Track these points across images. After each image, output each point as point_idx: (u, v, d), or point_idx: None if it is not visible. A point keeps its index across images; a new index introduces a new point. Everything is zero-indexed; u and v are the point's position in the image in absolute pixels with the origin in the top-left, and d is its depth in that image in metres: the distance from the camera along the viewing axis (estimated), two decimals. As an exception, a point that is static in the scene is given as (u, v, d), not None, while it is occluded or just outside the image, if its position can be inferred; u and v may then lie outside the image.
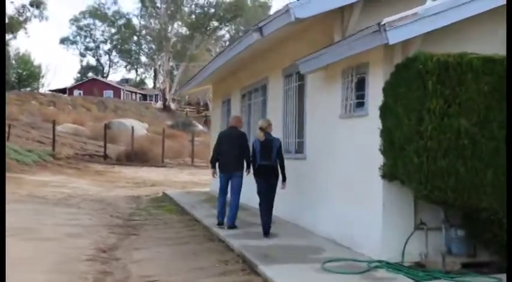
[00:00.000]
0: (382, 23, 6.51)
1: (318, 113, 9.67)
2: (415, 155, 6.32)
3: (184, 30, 72.46)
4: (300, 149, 10.73)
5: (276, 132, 11.40)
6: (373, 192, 7.60)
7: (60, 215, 12.55)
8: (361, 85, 8.10)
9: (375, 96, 7.61)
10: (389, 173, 7.08)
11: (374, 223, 7.55)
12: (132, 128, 33.13)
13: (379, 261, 7.26)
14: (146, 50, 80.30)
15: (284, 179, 9.76)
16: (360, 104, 8.11)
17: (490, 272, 6.94)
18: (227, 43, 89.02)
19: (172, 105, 70.65)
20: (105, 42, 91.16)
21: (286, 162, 10.90)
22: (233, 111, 15.81)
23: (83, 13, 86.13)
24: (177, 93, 63.37)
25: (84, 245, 9.31)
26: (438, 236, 7.20)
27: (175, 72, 72.99)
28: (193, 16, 71.03)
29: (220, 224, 10.45)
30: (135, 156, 30.06)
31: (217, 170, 10.77)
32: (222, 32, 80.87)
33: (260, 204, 9.70)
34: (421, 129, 6.31)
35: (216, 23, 71.11)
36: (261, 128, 9.79)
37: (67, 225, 11.16)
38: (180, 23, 71.20)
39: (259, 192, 9.69)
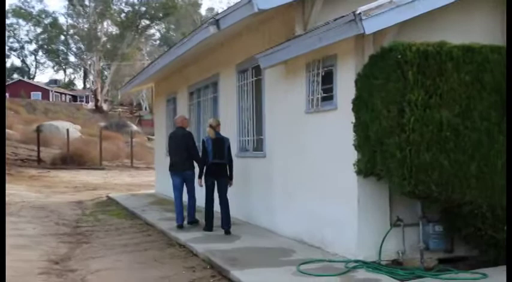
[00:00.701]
0: (358, 12, 6.20)
1: (279, 109, 9.32)
2: (397, 149, 6.04)
3: (114, 29, 70.98)
4: (258, 146, 10.35)
5: (230, 130, 11.04)
6: (345, 189, 7.30)
7: (2, 224, 11.73)
8: (328, 78, 7.79)
9: (344, 89, 7.32)
10: (364, 169, 6.79)
11: (348, 221, 7.26)
12: (67, 130, 31.94)
13: (356, 261, 6.98)
14: (75, 50, 78.22)
15: (231, 178, 9.91)
16: (328, 98, 7.79)
17: (467, 267, 6.79)
18: (157, 42, 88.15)
19: (105, 106, 69.05)
20: (30, 42, 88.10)
21: (243, 161, 10.63)
22: (180, 110, 15.30)
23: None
24: (117, 92, 61.86)
25: (33, 257, 8.68)
26: (414, 232, 6.99)
27: (106, 73, 71.42)
28: (123, 15, 69.56)
29: (180, 227, 10.27)
30: (71, 160, 29.01)
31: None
32: (152, 30, 79.85)
33: (206, 200, 9.77)
34: (403, 122, 6.03)
35: (147, 22, 69.72)
36: (211, 126, 9.84)
37: (10, 236, 10.33)
38: (109, 21, 69.62)
39: (206, 188, 9.74)
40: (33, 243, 9.87)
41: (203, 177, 9.81)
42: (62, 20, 79.55)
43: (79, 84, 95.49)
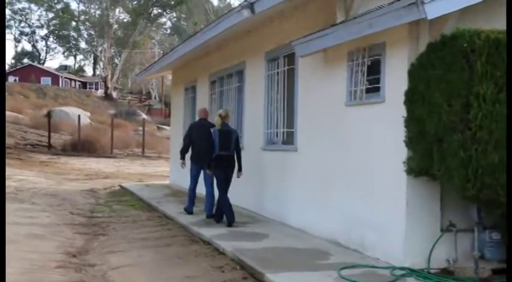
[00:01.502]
0: (420, -6, 5.59)
1: (314, 101, 8.73)
2: (460, 148, 5.45)
3: (126, 16, 70.35)
4: (288, 139, 9.77)
5: (257, 122, 10.54)
6: (392, 189, 6.72)
7: (14, 211, 11.20)
8: (374, 68, 7.19)
9: (394, 80, 6.73)
10: (417, 168, 6.19)
11: (393, 224, 6.67)
12: (79, 116, 31.40)
13: (402, 268, 6.40)
14: (86, 36, 77.65)
15: (240, 169, 9.85)
16: (373, 90, 7.20)
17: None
18: (168, 31, 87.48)
19: (114, 94, 68.56)
20: (41, 27, 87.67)
21: (269, 154, 10.10)
22: (200, 99, 14.74)
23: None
24: (127, 80, 61.42)
25: (49, 249, 8.15)
26: (467, 239, 6.42)
27: (116, 60, 70.86)
28: (135, 2, 68.88)
29: (190, 213, 10.66)
30: (82, 147, 28.51)
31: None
32: (163, 19, 79.19)
33: (220, 193, 9.63)
34: (467, 117, 5.43)
35: (159, 10, 68.99)
36: (220, 115, 9.77)
37: (25, 225, 9.90)
38: (121, 8, 68.98)
39: (218, 182, 9.69)
40: (48, 233, 9.35)
41: (214, 170, 9.72)
42: (73, 5, 78.58)
43: (89, 70, 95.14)
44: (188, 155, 10.93)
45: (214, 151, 9.54)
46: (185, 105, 16.15)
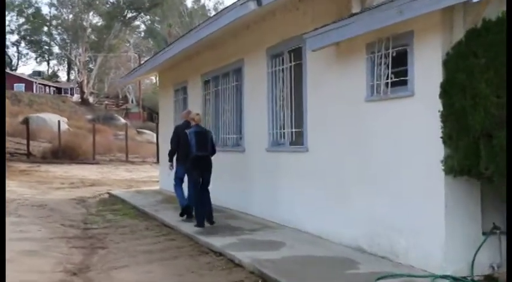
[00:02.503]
0: (463, -25, 5.06)
1: (327, 97, 8.17)
2: (513, 143, 4.91)
3: (99, 19, 69.19)
4: (297, 140, 9.19)
5: (259, 122, 9.97)
6: (426, 190, 6.19)
7: (2, 226, 10.47)
8: (398, 60, 6.65)
9: (425, 71, 6.20)
10: (458, 167, 5.65)
11: (430, 228, 6.13)
12: (59, 122, 30.50)
13: (444, 277, 5.87)
14: (59, 41, 76.32)
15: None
16: (399, 83, 6.65)
17: None
18: (142, 34, 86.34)
19: (91, 99, 67.40)
20: (12, 32, 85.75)
21: (275, 156, 9.64)
22: (192, 100, 14.11)
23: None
24: (103, 85, 60.42)
25: (47, 267, 7.47)
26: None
27: (90, 65, 69.69)
28: (109, 5, 67.84)
29: (187, 207, 10.47)
30: (63, 153, 27.61)
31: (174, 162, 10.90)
32: (137, 22, 78.16)
33: (195, 194, 9.70)
34: (523, 110, 4.90)
35: (134, 13, 68.01)
36: (194, 120, 10.03)
37: (16, 240, 9.17)
38: (95, 12, 67.79)
39: (194, 183, 9.75)
40: (42, 248, 8.65)
41: (190, 171, 9.86)
42: (45, 10, 77.03)
43: (63, 76, 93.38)
44: (174, 157, 10.95)
45: (190, 153, 9.61)
46: (175, 107, 15.49)
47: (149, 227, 10.40)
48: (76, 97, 69.35)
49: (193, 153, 9.60)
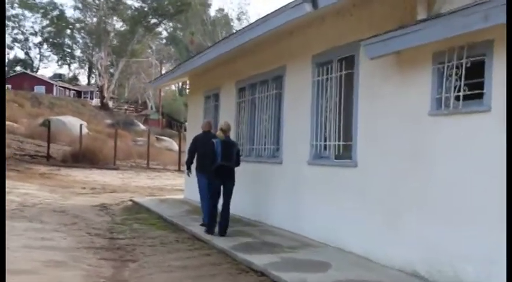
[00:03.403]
0: None
1: (382, 110, 7.59)
2: None
3: (123, 24, 69.06)
4: (344, 153, 8.61)
5: (301, 133, 9.43)
6: (500, 215, 5.54)
7: (24, 232, 9.98)
8: (472, 72, 6.06)
9: (503, 84, 5.57)
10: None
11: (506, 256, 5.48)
12: (81, 125, 30.14)
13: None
14: (81, 44, 76.46)
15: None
16: (472, 97, 6.05)
17: None
18: (164, 41, 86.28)
19: (110, 103, 67.25)
20: (35, 34, 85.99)
21: (317, 169, 9.05)
22: (224, 108, 13.59)
23: (11, 2, 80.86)
24: (123, 90, 60.23)
25: (76, 280, 6.93)
26: None
27: (111, 70, 69.57)
28: (133, 10, 67.75)
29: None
30: (83, 158, 27.18)
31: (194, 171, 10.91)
32: (159, 29, 78.10)
33: (212, 201, 9.82)
34: None
35: (158, 19, 67.86)
36: (221, 129, 9.97)
37: (40, 249, 8.66)
38: (119, 16, 67.74)
39: (213, 189, 9.81)
40: (69, 259, 8.11)
41: (212, 179, 9.87)
42: (69, 13, 77.09)
43: (83, 79, 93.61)
44: (193, 166, 11.07)
45: (215, 161, 9.65)
46: (205, 114, 14.95)
47: (180, 240, 9.84)
48: (95, 101, 69.30)
49: (218, 162, 9.63)
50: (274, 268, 7.16)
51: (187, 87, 18.85)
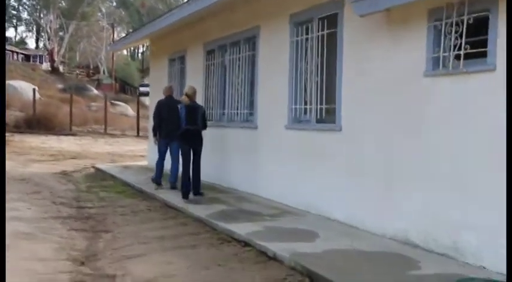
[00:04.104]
0: None
1: (370, 71, 7.23)
2: None
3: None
4: (326, 117, 8.27)
5: (278, 96, 9.06)
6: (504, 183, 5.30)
7: (-14, 202, 9.36)
8: (474, 28, 5.74)
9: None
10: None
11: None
12: (34, 90, 29.02)
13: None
14: (28, 7, 73.88)
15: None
16: (473, 55, 5.75)
17: None
18: (114, 3, 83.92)
19: (61, 68, 65.33)
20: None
21: (296, 134, 8.69)
22: (191, 71, 13.06)
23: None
24: (74, 54, 58.51)
25: (49, 254, 6.48)
26: None
27: (60, 33, 67.42)
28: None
29: (158, 184, 11.05)
30: (38, 123, 26.20)
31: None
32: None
33: (184, 166, 9.70)
34: None
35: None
36: (186, 94, 9.81)
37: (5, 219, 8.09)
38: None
39: (183, 155, 9.76)
40: (38, 230, 7.60)
41: (181, 145, 9.88)
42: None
43: (31, 43, 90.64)
44: None
45: (180, 126, 9.67)
46: (170, 77, 14.40)
47: (151, 208, 9.42)
48: (46, 65, 67.15)
49: (183, 127, 9.63)
50: (258, 237, 6.83)
51: (149, 49, 18.05)
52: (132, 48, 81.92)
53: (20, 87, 38.00)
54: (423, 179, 6.31)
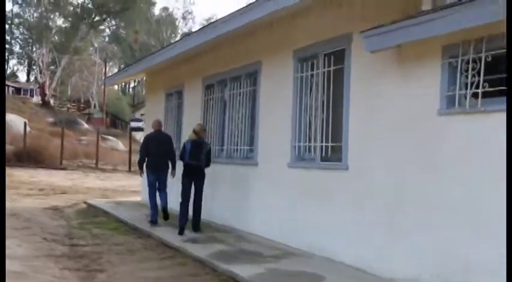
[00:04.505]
0: None
1: (378, 108, 7.01)
2: None
3: (67, 20, 66.85)
4: (332, 156, 8.02)
5: (280, 133, 8.82)
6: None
7: (-26, 238, 8.97)
8: (492, 66, 5.56)
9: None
10: None
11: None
12: (25, 123, 28.69)
13: None
14: (20, 40, 73.90)
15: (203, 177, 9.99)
16: (492, 94, 5.54)
17: None
18: (107, 39, 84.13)
19: (52, 101, 65.01)
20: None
21: (298, 172, 8.51)
22: (189, 106, 12.84)
23: None
24: (66, 88, 58.33)
25: (40, 295, 6.09)
26: None
27: (51, 67, 67.26)
28: (76, 6, 65.70)
29: (155, 220, 10.83)
30: (27, 157, 25.79)
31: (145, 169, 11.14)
32: (102, 27, 76.24)
33: (182, 200, 9.84)
34: None
35: (102, 16, 66.04)
36: (194, 131, 10.02)
37: (-5, 257, 7.71)
38: (62, 12, 65.50)
39: (183, 188, 9.87)
40: (29, 269, 7.23)
41: (182, 179, 9.95)
42: (7, 7, 74.22)
43: (22, 76, 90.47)
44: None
45: (184, 161, 9.88)
46: (167, 112, 14.17)
47: (147, 247, 9.07)
48: (36, 99, 66.83)
49: (186, 161, 9.84)
50: (261, 281, 6.50)
51: (143, 84, 17.87)
52: (123, 83, 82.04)
53: (10, 120, 37.51)
54: (437, 217, 6.04)
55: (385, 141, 6.88)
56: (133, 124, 64.00)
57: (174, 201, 11.96)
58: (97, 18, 66.20)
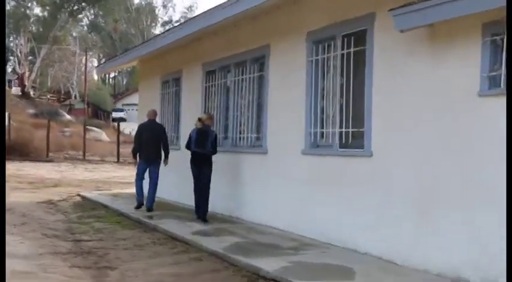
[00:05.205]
0: None
1: (409, 91, 6.63)
2: None
3: (43, 10, 65.57)
4: (352, 142, 7.61)
5: (293, 119, 8.40)
6: None
7: (-28, 236, 8.47)
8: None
9: None
10: None
11: None
12: (9, 115, 27.94)
13: None
14: (-3, 30, 72.33)
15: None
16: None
17: None
18: (85, 28, 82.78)
19: (31, 92, 63.85)
20: None
21: (314, 160, 8.07)
22: (187, 93, 12.39)
23: None
24: (46, 78, 57.21)
25: (54, 297, 5.65)
26: None
27: (30, 57, 66.01)
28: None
29: (140, 204, 11.08)
30: (12, 150, 25.08)
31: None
32: (80, 16, 74.94)
33: (195, 189, 9.95)
34: None
35: (82, 4, 64.79)
36: (200, 119, 10.03)
37: (-2, 256, 7.23)
38: (37, 1, 64.15)
39: (194, 178, 9.95)
40: (37, 268, 6.78)
41: (191, 167, 10.02)
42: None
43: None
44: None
45: (190, 149, 9.99)
46: (163, 100, 13.69)
47: (156, 241, 8.63)
48: (15, 90, 65.59)
49: (192, 149, 9.93)
50: (289, 275, 6.12)
51: (135, 71, 17.36)
52: (103, 74, 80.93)
53: (-9, 111, 36.72)
54: (476, 207, 5.69)
55: (413, 124, 6.50)
56: (115, 114, 63.33)
57: (166, 192, 11.67)
58: (76, 7, 64.90)
